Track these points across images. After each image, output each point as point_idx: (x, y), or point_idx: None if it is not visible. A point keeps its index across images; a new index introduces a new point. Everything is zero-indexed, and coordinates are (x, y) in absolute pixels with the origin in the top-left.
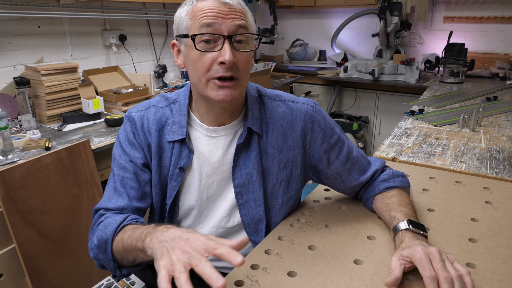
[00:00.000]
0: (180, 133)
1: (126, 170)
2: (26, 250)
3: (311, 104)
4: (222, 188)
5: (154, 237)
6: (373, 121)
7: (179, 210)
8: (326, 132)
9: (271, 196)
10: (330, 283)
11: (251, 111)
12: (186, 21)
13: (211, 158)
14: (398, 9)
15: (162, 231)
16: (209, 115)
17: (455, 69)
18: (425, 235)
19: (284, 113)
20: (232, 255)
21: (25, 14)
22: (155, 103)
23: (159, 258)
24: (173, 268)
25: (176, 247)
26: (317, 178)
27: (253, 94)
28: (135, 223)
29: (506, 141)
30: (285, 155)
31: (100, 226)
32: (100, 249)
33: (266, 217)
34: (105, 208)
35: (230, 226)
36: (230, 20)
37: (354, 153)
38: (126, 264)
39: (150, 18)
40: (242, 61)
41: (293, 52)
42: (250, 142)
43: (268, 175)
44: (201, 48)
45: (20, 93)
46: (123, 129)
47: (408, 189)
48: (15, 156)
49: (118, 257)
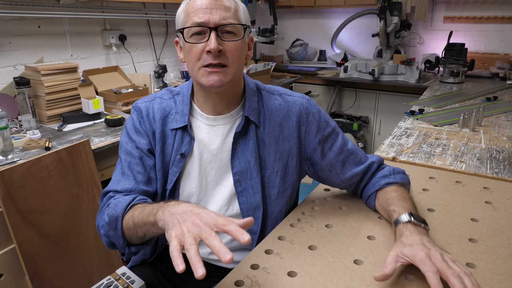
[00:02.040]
0: (182, 121)
1: (132, 156)
2: (26, 250)
3: (306, 98)
4: (221, 175)
5: (165, 210)
6: (373, 121)
7: (179, 197)
8: (320, 123)
9: (268, 185)
10: (330, 283)
11: (249, 101)
12: (181, 17)
13: (211, 145)
14: (398, 9)
15: (173, 205)
16: (208, 104)
17: (455, 69)
18: (426, 228)
19: (280, 105)
20: (239, 232)
21: (25, 14)
22: (160, 95)
23: (170, 228)
24: (184, 239)
25: (187, 220)
26: (313, 172)
27: (251, 87)
28: (143, 203)
29: (506, 141)
30: (281, 145)
31: (110, 205)
32: (110, 226)
33: (263, 205)
34: (114, 190)
35: (229, 214)
36: (216, 13)
37: (349, 146)
38: (135, 241)
39: (150, 18)
40: (230, 49)
41: (293, 52)
42: (248, 131)
43: (265, 164)
44: (192, 41)
45: (20, 93)
46: (130, 119)
47: (408, 186)
48: (15, 156)
49: (127, 233)
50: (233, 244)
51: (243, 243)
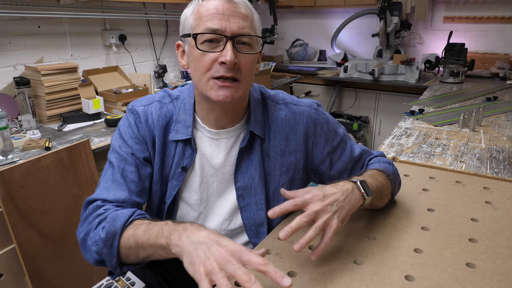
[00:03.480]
0: (185, 133)
1: (127, 163)
2: (26, 250)
3: (314, 106)
4: (222, 189)
5: (183, 235)
6: (373, 121)
7: (178, 210)
8: (328, 135)
9: (273, 199)
10: (330, 283)
11: (254, 114)
12: (191, 20)
13: (213, 159)
14: (398, 9)
15: (191, 230)
16: (211, 117)
17: (455, 69)
18: (364, 196)
19: (286, 117)
20: (279, 275)
21: (25, 14)
22: (159, 99)
23: (196, 263)
24: (216, 279)
25: (216, 253)
26: (319, 179)
27: (256, 96)
28: (143, 218)
29: (506, 141)
30: (287, 159)
31: (108, 218)
32: (106, 243)
33: (267, 220)
34: (103, 199)
35: (231, 228)
36: (234, 21)
37: (356, 153)
38: (132, 261)
39: (150, 18)
40: (245, 63)
41: (293, 52)
42: (253, 145)
43: (270, 179)
44: (204, 48)
45: (20, 93)
46: (126, 121)
47: (391, 176)
48: (15, 156)
49: (125, 253)
50: None
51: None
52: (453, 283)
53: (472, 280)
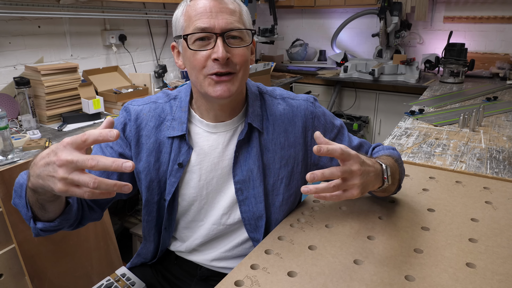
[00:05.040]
0: (180, 129)
1: (102, 153)
2: (26, 250)
3: (311, 100)
4: (222, 184)
5: (31, 170)
6: (373, 121)
7: (179, 206)
8: (326, 126)
9: (271, 192)
10: (330, 283)
11: (252, 107)
12: (181, 21)
13: (211, 154)
14: (398, 9)
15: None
16: (210, 113)
17: (455, 69)
18: (384, 181)
19: (284, 110)
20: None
21: (25, 14)
22: (155, 99)
23: (52, 187)
24: (70, 190)
25: (56, 167)
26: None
27: (253, 91)
28: None
29: (506, 141)
30: (286, 152)
31: (21, 173)
32: (16, 193)
33: (266, 214)
34: None
35: (230, 222)
36: (222, 17)
37: (354, 142)
38: (39, 214)
39: (150, 18)
40: (238, 55)
41: (293, 52)
42: (251, 138)
43: (269, 172)
44: (195, 47)
45: (20, 93)
46: (117, 118)
47: (399, 161)
48: (15, 156)
49: (31, 203)
50: (234, 252)
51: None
52: (453, 283)
53: (472, 280)
